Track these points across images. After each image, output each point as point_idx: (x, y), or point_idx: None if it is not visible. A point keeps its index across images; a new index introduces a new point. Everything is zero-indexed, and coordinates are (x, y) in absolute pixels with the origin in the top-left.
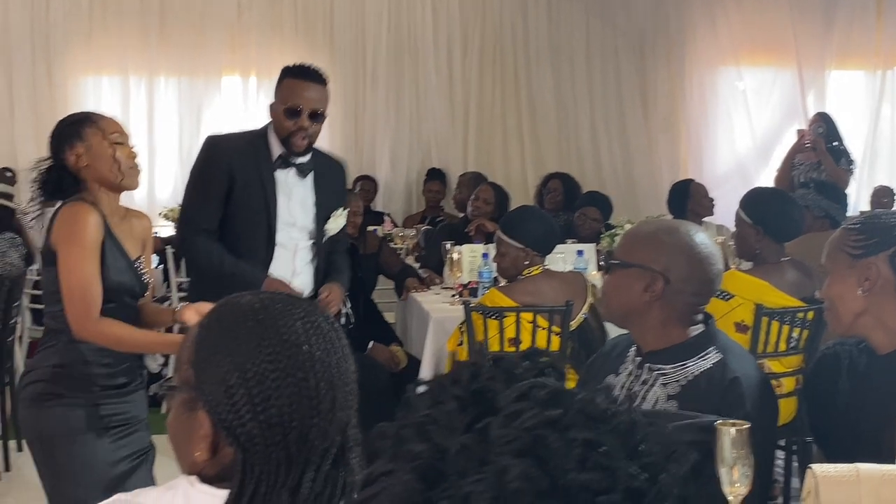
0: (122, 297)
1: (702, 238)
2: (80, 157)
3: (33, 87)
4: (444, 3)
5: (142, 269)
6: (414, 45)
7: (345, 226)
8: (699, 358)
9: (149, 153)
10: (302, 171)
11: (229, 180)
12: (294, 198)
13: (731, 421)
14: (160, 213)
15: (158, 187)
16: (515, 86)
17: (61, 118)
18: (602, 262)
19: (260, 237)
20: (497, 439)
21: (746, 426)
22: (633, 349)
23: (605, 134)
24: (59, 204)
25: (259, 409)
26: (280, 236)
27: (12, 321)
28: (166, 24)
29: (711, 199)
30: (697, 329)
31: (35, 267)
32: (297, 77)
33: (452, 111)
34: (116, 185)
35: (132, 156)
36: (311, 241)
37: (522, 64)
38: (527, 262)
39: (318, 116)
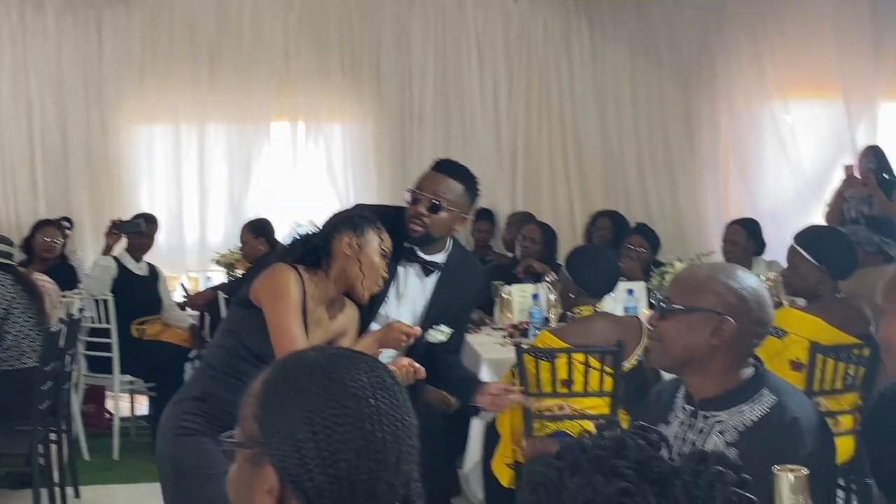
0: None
1: (757, 280)
2: (349, 246)
3: (87, 136)
4: (489, 44)
5: None
6: (460, 87)
7: (460, 336)
8: (753, 402)
9: (200, 199)
10: (426, 271)
11: None
12: (405, 299)
13: (790, 466)
14: (212, 259)
15: (210, 233)
16: (561, 125)
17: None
18: (653, 301)
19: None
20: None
21: (805, 472)
22: (679, 396)
23: (652, 171)
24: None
25: (327, 462)
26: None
27: (68, 368)
28: (215, 70)
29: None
30: (749, 372)
31: (89, 314)
32: (432, 167)
33: (499, 152)
34: (352, 285)
35: (383, 275)
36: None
37: (568, 103)
38: (571, 295)
39: (437, 208)
